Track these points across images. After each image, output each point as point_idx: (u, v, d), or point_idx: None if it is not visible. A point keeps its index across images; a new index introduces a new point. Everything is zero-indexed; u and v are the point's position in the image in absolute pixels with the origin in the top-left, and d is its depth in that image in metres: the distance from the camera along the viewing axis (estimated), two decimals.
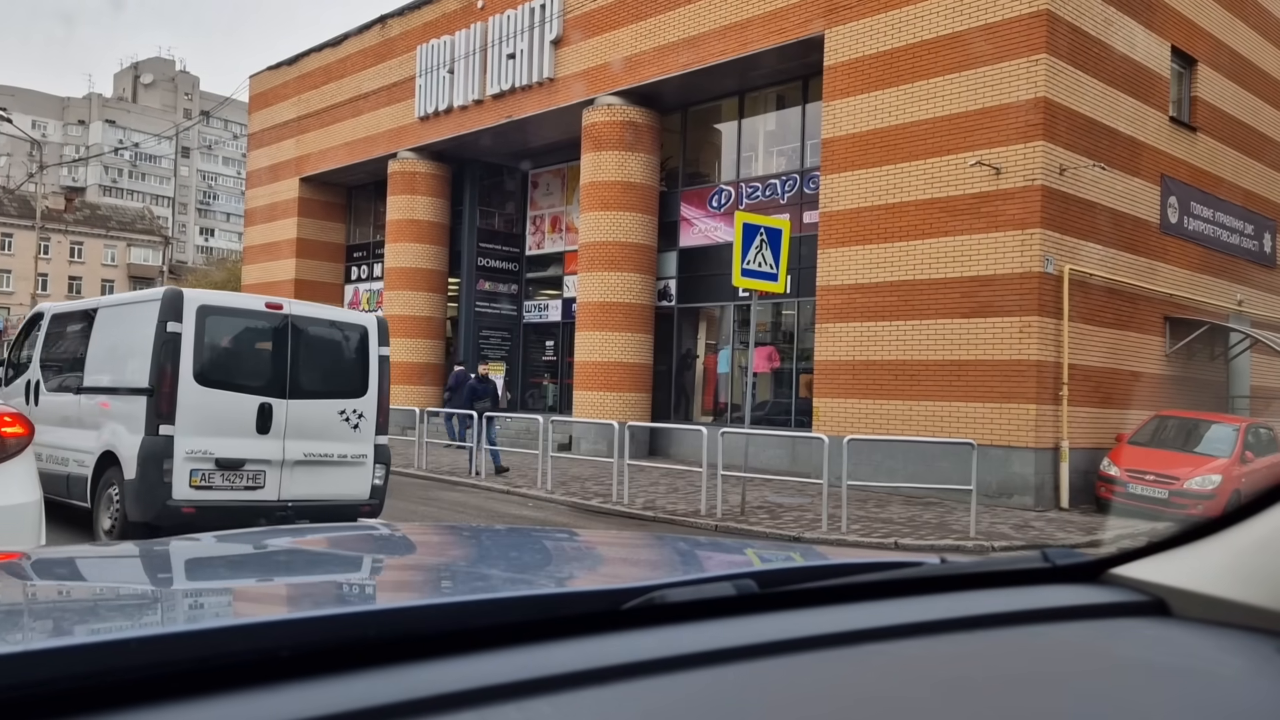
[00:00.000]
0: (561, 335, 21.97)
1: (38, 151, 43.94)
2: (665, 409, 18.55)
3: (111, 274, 67.80)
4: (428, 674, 0.77)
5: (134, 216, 71.64)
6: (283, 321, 8.03)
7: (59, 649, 0.80)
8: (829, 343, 14.42)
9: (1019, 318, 12.49)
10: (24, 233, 63.53)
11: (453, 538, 2.10)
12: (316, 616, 0.99)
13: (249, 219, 28.96)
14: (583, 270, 18.48)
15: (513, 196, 24.00)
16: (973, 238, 12.96)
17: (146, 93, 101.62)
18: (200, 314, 7.66)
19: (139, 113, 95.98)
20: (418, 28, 22.54)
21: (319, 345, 8.30)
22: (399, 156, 22.88)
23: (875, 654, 0.91)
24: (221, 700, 0.70)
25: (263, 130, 27.88)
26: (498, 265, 23.28)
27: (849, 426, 13.96)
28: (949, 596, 1.07)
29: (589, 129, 18.33)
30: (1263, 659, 0.90)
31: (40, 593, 1.30)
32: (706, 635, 0.90)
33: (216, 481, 7.60)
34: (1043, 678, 0.91)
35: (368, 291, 26.77)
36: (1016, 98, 12.65)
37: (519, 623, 0.88)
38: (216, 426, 7.59)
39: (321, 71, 25.63)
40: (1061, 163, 12.69)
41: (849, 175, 14.31)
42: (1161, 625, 1.01)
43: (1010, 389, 12.47)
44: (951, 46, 13.31)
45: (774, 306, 17.64)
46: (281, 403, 7.85)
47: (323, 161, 25.50)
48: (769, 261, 10.75)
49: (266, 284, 27.49)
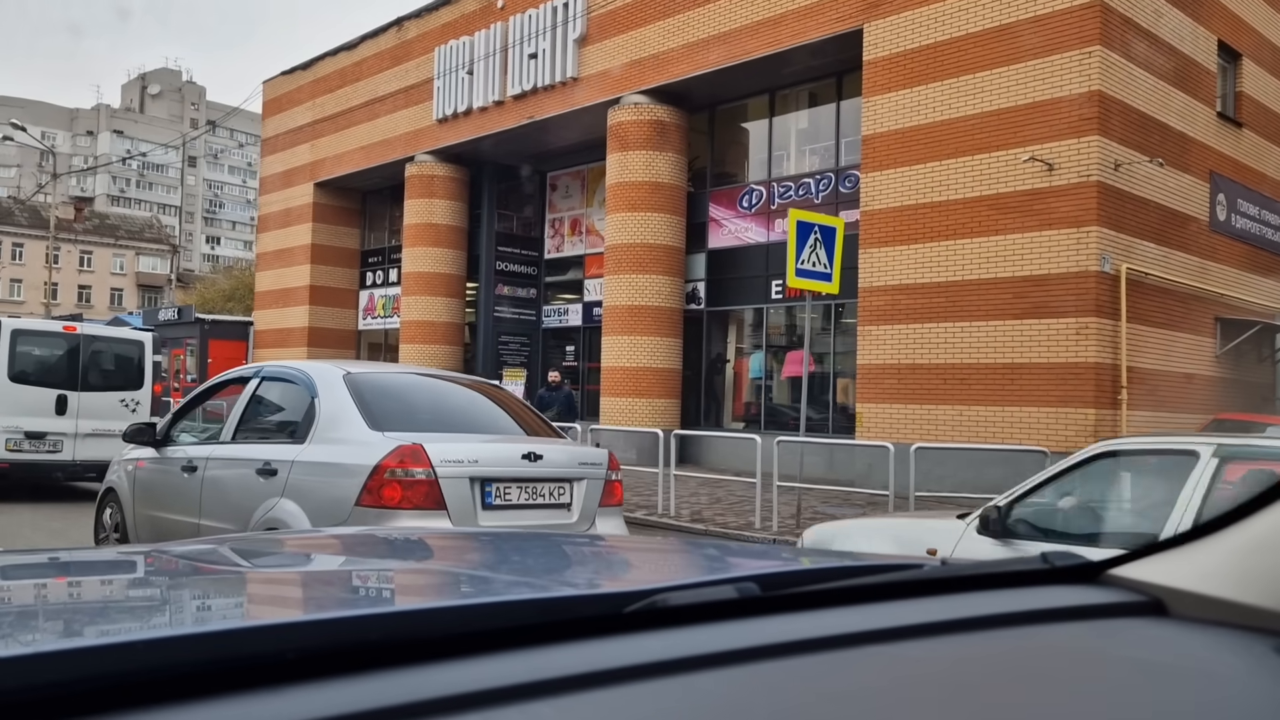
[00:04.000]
0: (582, 340, 21.53)
1: (49, 161, 43.67)
2: (694, 415, 18.08)
3: (120, 283, 67.56)
4: (431, 677, 0.76)
5: (142, 225, 71.41)
6: (76, 340, 11.79)
7: (67, 651, 0.79)
8: (872, 346, 13.95)
9: (1075, 319, 12.02)
10: (34, 242, 63.33)
11: (456, 541, 2.10)
12: (321, 619, 0.99)
13: (262, 225, 28.57)
14: (609, 273, 18.04)
15: (531, 199, 23.57)
16: (1024, 236, 12.49)
17: (154, 103, 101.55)
18: (13, 335, 11.34)
19: (146, 123, 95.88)
20: (435, 29, 22.15)
21: (105, 354, 12.02)
22: (416, 160, 22.48)
23: (876, 656, 0.91)
24: (227, 702, 0.70)
25: (276, 135, 27.51)
26: (516, 269, 22.84)
27: (895, 433, 13.49)
28: (950, 598, 1.07)
29: (615, 128, 17.90)
30: (1260, 658, 0.90)
31: (50, 594, 1.30)
32: (708, 638, 0.90)
33: (25, 447, 11.13)
34: (1042, 678, 0.92)
35: (383, 297, 26.36)
36: (1069, 91, 12.19)
37: (521, 626, 0.88)
38: (26, 410, 11.10)
39: (336, 75, 25.25)
40: (1116, 158, 12.22)
41: (891, 173, 13.85)
42: (1159, 625, 1.01)
43: (1067, 393, 11.99)
44: (999, 39, 12.86)
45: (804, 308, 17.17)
46: (75, 394, 11.46)
47: (338, 166, 25.11)
48: (823, 261, 10.30)
49: (281, 290, 27.12)
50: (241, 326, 29.10)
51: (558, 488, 5.19)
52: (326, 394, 5.23)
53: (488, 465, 4.92)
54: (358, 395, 5.16)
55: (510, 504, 5.01)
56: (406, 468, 4.68)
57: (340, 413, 5.09)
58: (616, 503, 5.47)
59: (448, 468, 4.76)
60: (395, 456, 4.69)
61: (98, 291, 66.37)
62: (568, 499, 5.23)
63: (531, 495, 5.11)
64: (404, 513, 4.64)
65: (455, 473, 4.79)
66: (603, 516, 5.33)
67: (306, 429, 5.20)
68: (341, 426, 5.04)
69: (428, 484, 4.70)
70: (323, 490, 4.90)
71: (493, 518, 4.90)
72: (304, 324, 26.23)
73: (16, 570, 1.41)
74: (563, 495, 5.22)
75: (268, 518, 4.99)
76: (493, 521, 4.87)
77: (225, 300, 48.46)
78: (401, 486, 4.66)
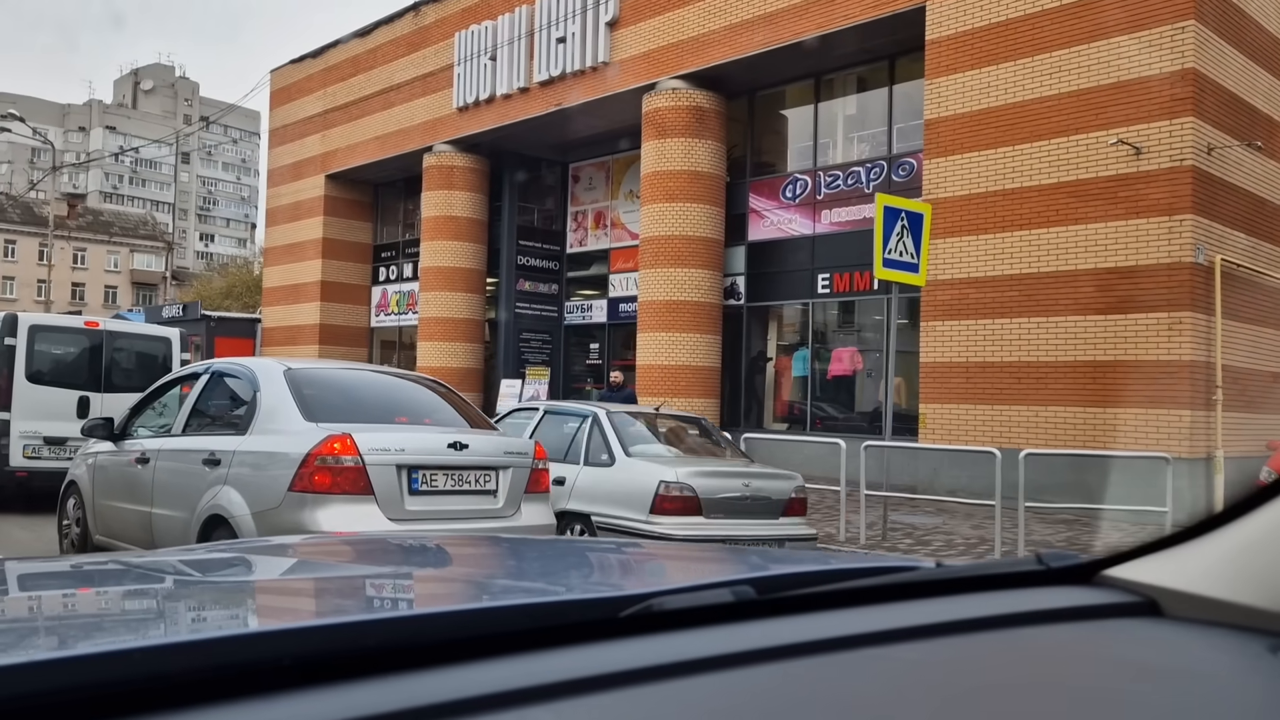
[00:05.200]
0: (606, 338, 20.68)
1: (41, 158, 42.66)
2: (735, 415, 17.24)
3: (115, 280, 66.39)
4: (427, 683, 0.76)
5: (136, 222, 70.19)
6: (99, 336, 10.88)
7: (64, 660, 0.79)
8: (937, 343, 13.12)
9: (1167, 313, 11.21)
10: (26, 239, 62.14)
11: (452, 547, 2.10)
12: (317, 626, 0.97)
13: (270, 219, 27.62)
14: (644, 266, 17.18)
15: (552, 191, 22.70)
16: (1108, 225, 11.68)
17: (147, 99, 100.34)
18: (31, 331, 10.43)
19: (139, 119, 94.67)
20: (455, 14, 21.25)
21: (129, 353, 11.19)
22: (435, 150, 21.57)
23: (872, 658, 0.91)
24: (221, 711, 0.70)
25: (285, 126, 26.57)
26: (537, 264, 21.94)
27: (962, 435, 12.69)
28: (944, 600, 1.07)
29: (651, 115, 17.04)
30: (1254, 658, 0.90)
31: (45, 604, 1.30)
32: (705, 642, 0.90)
33: (45, 453, 10.20)
34: (1036, 679, 0.92)
35: (397, 293, 25.46)
36: (1159, 70, 11.38)
37: (517, 631, 0.88)
38: (45, 413, 10.20)
39: (349, 63, 24.33)
40: (1209, 141, 11.42)
41: (957, 159, 13.03)
42: (1153, 625, 1.01)
43: (1158, 393, 11.18)
44: (1078, 15, 12.04)
45: (853, 304, 16.37)
46: (98, 395, 10.54)
47: (351, 157, 24.19)
48: (910, 250, 9.50)
49: (290, 286, 26.21)
50: (249, 324, 28.18)
51: (483, 475, 5.49)
52: (267, 388, 5.55)
53: (414, 453, 5.24)
54: (295, 389, 5.46)
55: (436, 490, 5.31)
56: (336, 455, 4.97)
57: (278, 405, 5.41)
58: (543, 490, 5.88)
59: (375, 455, 5.06)
60: (325, 445, 4.98)
61: (91, 289, 65.17)
62: (493, 486, 5.53)
63: (458, 482, 5.41)
64: (334, 498, 4.94)
65: (382, 460, 5.08)
66: (528, 503, 5.66)
67: (248, 421, 5.52)
68: (279, 418, 5.35)
69: (355, 470, 4.99)
70: (260, 478, 5.19)
71: (419, 503, 5.21)
72: (315, 321, 25.32)
73: (16, 579, 1.40)
74: (488, 482, 5.51)
75: (211, 505, 5.29)
76: (419, 506, 5.20)
77: (223, 298, 47.57)
78: (331, 473, 4.95)
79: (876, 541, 9.25)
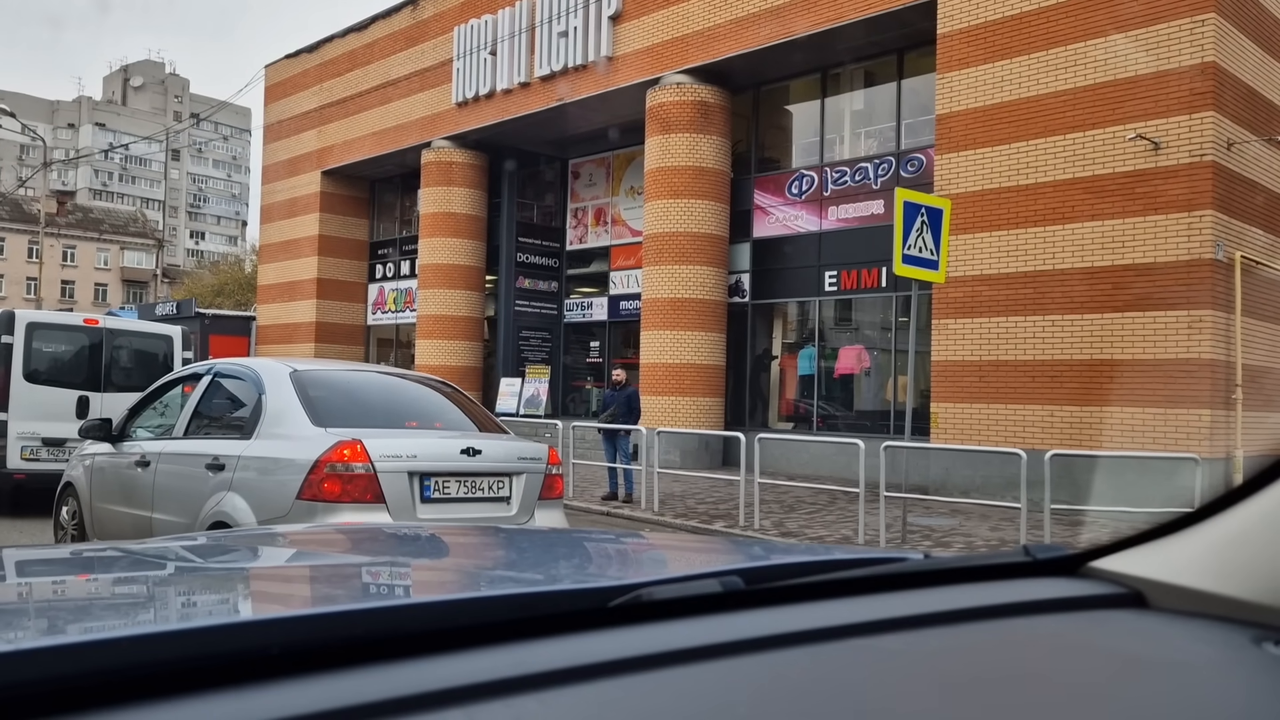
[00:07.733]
0: (607, 335, 20.44)
1: (35, 152, 42.22)
2: (739, 415, 17.02)
3: (105, 278, 65.86)
4: (415, 672, 0.76)
5: (126, 220, 69.63)
6: (99, 334, 10.51)
7: (51, 648, 0.79)
8: (949, 341, 12.92)
9: (1186, 311, 11.02)
10: (16, 237, 61.59)
11: (442, 537, 2.06)
12: (306, 615, 0.98)
13: (265, 215, 27.28)
14: (648, 264, 16.94)
15: (551, 188, 22.44)
16: (1125, 221, 11.49)
17: (136, 95, 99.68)
18: (29, 328, 10.11)
19: (129, 115, 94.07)
20: (454, 8, 20.96)
21: (130, 351, 10.82)
22: (433, 145, 21.29)
23: (859, 649, 0.91)
24: (209, 699, 0.70)
25: (280, 122, 26.23)
26: (537, 261, 21.68)
27: (974, 435, 12.50)
28: (931, 591, 1.07)
29: (655, 110, 16.80)
30: (1238, 649, 0.91)
31: (34, 591, 1.28)
32: (693, 632, 0.89)
33: (44, 455, 9.88)
34: (1023, 669, 0.92)
35: (394, 291, 25.16)
36: (1178, 63, 11.19)
37: (506, 621, 0.88)
38: (43, 413, 9.91)
39: (345, 58, 24.02)
40: (1229, 136, 11.24)
41: (970, 154, 12.83)
42: (1139, 617, 1.02)
43: (1177, 392, 11.00)
44: (1095, 8, 11.83)
45: (860, 302, 16.16)
46: (98, 395, 10.24)
47: (347, 153, 23.89)
48: (929, 246, 9.26)
49: (286, 283, 25.89)
50: (243, 321, 27.84)
51: (497, 481, 5.33)
52: (273, 391, 5.33)
53: (426, 460, 5.06)
54: (302, 392, 5.26)
55: (449, 497, 5.14)
56: (346, 462, 4.80)
57: (285, 409, 5.19)
58: (556, 496, 5.66)
59: (386, 462, 4.88)
60: (335, 451, 4.80)
61: (81, 287, 64.65)
62: (507, 492, 5.36)
63: (471, 489, 5.24)
64: (344, 506, 4.76)
65: (394, 467, 4.91)
66: (542, 509, 5.49)
67: (253, 425, 5.31)
68: (286, 423, 5.14)
69: (366, 478, 4.82)
70: (267, 484, 4.99)
71: (432, 510, 5.03)
72: (311, 319, 25.01)
73: (14, 565, 1.39)
74: (502, 489, 5.35)
75: (215, 511, 5.08)
76: (432, 514, 5.01)
77: (214, 295, 47.20)
78: (341, 481, 4.78)
79: (897, 544, 9.03)
